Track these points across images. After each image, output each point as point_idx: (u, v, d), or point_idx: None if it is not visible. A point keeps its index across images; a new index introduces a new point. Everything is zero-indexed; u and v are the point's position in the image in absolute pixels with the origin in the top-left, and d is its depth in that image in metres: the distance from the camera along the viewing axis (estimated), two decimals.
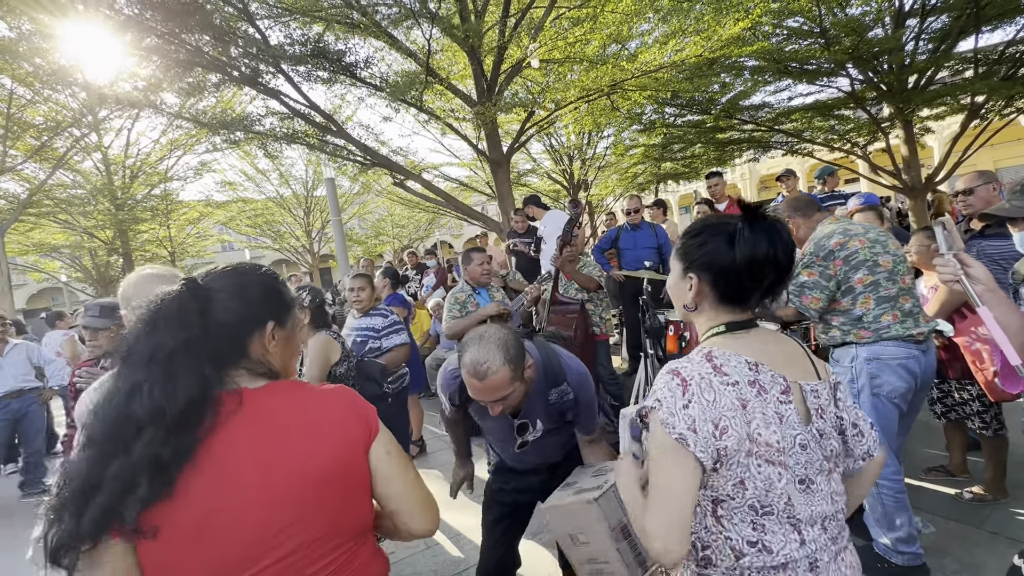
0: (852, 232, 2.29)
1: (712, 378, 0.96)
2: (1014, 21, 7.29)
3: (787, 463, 0.96)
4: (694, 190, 18.27)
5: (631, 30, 8.01)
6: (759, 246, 0.99)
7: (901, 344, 2.19)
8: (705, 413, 0.93)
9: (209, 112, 7.09)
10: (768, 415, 0.96)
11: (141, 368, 0.82)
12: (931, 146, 16.78)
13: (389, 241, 20.30)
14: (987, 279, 1.29)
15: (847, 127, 9.39)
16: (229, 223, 16.81)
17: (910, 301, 2.25)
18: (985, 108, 7.95)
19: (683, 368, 0.98)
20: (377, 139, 8.38)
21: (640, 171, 12.62)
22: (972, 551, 2.48)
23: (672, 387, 0.96)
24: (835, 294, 2.29)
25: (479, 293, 3.57)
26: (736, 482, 0.95)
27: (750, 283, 1.02)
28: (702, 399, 0.94)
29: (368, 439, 0.97)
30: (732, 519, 0.97)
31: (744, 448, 0.94)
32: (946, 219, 1.44)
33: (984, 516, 2.73)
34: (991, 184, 2.88)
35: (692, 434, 0.92)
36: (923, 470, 3.20)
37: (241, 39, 5.39)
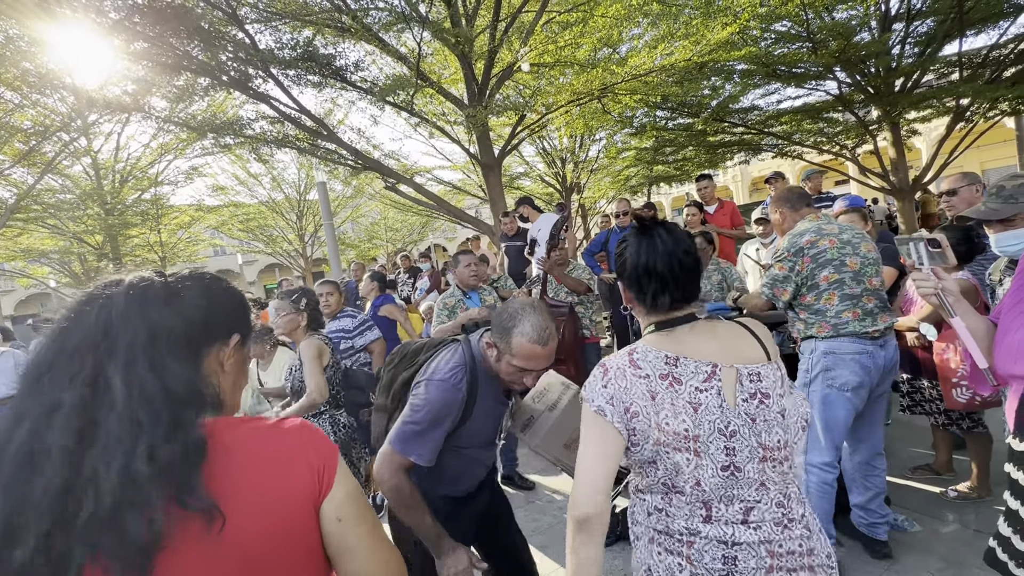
0: (825, 232, 2.35)
1: (627, 369, 1.08)
2: (997, 25, 7.42)
3: (701, 450, 1.02)
4: (686, 192, 18.39)
5: (621, 34, 8.08)
6: (640, 257, 1.13)
7: (856, 340, 2.28)
8: (619, 395, 1.06)
9: (199, 116, 7.09)
10: (678, 405, 1.03)
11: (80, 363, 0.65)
12: (919, 148, 16.98)
13: (383, 245, 20.26)
14: (958, 292, 1.38)
15: (836, 130, 9.50)
16: (221, 227, 16.71)
17: (873, 301, 2.32)
18: (970, 111, 8.08)
19: (607, 360, 1.13)
20: (369, 142, 8.40)
21: (632, 174, 12.70)
22: (956, 549, 2.51)
23: (596, 374, 1.12)
24: (801, 288, 2.38)
25: (469, 297, 3.50)
26: (648, 462, 1.07)
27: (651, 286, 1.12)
28: (616, 383, 1.07)
29: (317, 496, 0.75)
30: (651, 490, 1.11)
31: (653, 436, 1.04)
32: (934, 235, 1.48)
33: (968, 514, 2.76)
34: (974, 186, 2.94)
35: (609, 407, 1.06)
36: (909, 469, 3.23)
37: (230, 44, 5.38)
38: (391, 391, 1.72)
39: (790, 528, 1.04)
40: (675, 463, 1.03)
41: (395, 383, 1.70)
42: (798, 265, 2.35)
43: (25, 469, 0.59)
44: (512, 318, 1.49)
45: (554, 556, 2.86)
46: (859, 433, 2.51)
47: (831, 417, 2.35)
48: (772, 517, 1.03)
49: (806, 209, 2.51)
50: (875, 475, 2.50)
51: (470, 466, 1.70)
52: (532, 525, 3.19)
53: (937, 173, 8.52)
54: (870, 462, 2.51)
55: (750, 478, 1.02)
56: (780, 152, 10.12)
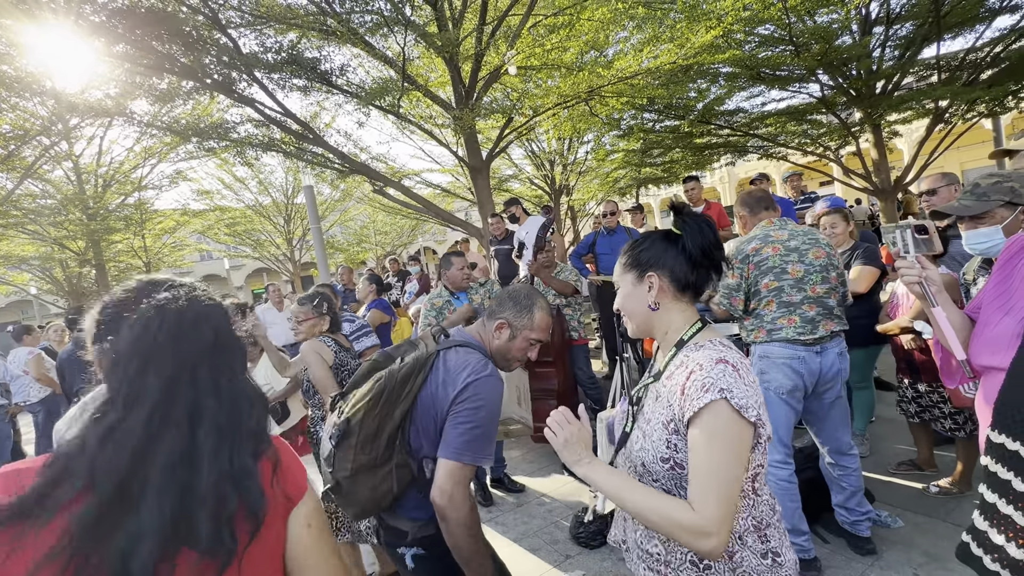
0: (771, 239, 2.39)
1: (744, 361, 1.05)
2: (973, 29, 7.58)
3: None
4: (674, 194, 18.52)
5: (608, 38, 8.14)
6: (706, 235, 1.10)
7: (787, 345, 2.33)
8: (757, 394, 1.01)
9: (183, 119, 7.00)
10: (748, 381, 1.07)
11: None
12: (900, 149, 17.27)
13: (372, 248, 20.17)
14: (940, 282, 1.39)
15: (819, 131, 9.64)
16: (207, 232, 16.52)
17: (815, 309, 2.34)
18: (949, 112, 8.24)
19: (728, 358, 1.02)
20: (356, 145, 8.35)
21: (621, 176, 12.76)
22: (938, 544, 2.55)
23: (725, 374, 0.99)
24: (748, 295, 2.43)
25: (458, 298, 3.51)
26: (758, 464, 1.06)
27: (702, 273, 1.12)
28: (746, 380, 1.00)
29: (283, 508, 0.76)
30: (763, 489, 1.09)
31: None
32: (928, 222, 1.48)
33: (949, 509, 2.81)
34: (953, 186, 2.99)
35: (758, 412, 0.99)
36: (892, 465, 3.28)
37: (213, 48, 5.32)
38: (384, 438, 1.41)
39: None
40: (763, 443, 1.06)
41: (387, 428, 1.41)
42: (744, 272, 2.41)
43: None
44: (528, 298, 1.65)
45: (546, 557, 2.86)
46: (821, 437, 2.56)
47: (771, 417, 2.39)
48: None
49: (764, 213, 2.54)
50: (848, 475, 2.53)
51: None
52: (522, 528, 3.19)
53: (918, 173, 8.68)
54: (839, 463, 2.53)
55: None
56: (765, 154, 10.24)
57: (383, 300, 4.88)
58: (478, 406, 1.41)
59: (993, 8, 7.20)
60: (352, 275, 6.55)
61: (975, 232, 1.87)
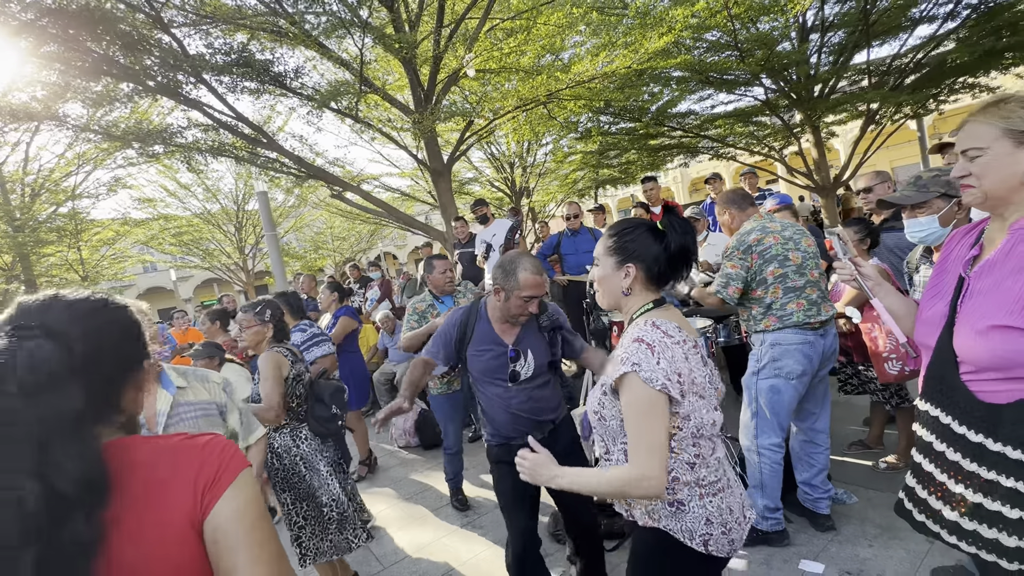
0: (769, 229, 2.51)
1: (666, 340, 1.23)
2: (898, 37, 8.18)
3: (706, 395, 1.29)
4: (631, 194, 18.98)
5: (564, 42, 8.28)
6: (684, 239, 1.31)
7: (799, 331, 2.47)
8: (672, 366, 1.21)
9: (122, 123, 6.57)
10: (693, 363, 1.27)
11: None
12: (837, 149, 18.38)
13: (329, 254, 19.60)
14: (875, 275, 1.53)
15: (764, 133, 10.13)
16: (150, 242, 15.57)
17: (816, 292, 2.51)
18: (879, 114, 8.84)
19: (645, 336, 1.23)
20: (311, 150, 8.11)
21: (579, 177, 12.98)
22: (887, 515, 2.73)
23: (643, 352, 1.21)
24: (751, 284, 2.54)
25: (442, 302, 3.45)
26: (684, 416, 1.24)
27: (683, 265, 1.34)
28: (665, 356, 1.21)
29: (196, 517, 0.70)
30: (682, 445, 1.26)
31: (691, 390, 1.24)
32: (840, 230, 1.63)
33: (897, 483, 3.00)
34: (887, 183, 3.25)
35: (670, 382, 1.19)
36: (846, 446, 3.49)
37: (156, 48, 5.04)
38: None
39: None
40: (698, 408, 1.25)
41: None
42: (747, 262, 2.51)
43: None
44: (512, 263, 2.00)
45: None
46: (805, 411, 2.70)
47: (778, 402, 2.52)
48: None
49: (751, 208, 2.68)
50: (818, 452, 2.69)
51: (498, 409, 2.12)
52: (500, 530, 3.19)
53: (854, 171, 9.27)
54: (813, 440, 2.70)
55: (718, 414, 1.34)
56: (716, 154, 10.67)
57: (349, 307, 4.77)
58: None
59: (914, 18, 7.79)
60: (314, 283, 6.35)
61: (915, 221, 2.03)
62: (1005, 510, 1.09)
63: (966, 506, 1.16)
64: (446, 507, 3.70)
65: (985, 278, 1.18)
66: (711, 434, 1.30)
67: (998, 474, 1.10)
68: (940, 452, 1.23)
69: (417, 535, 3.38)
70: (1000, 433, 1.09)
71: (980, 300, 1.17)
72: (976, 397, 1.14)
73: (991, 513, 1.11)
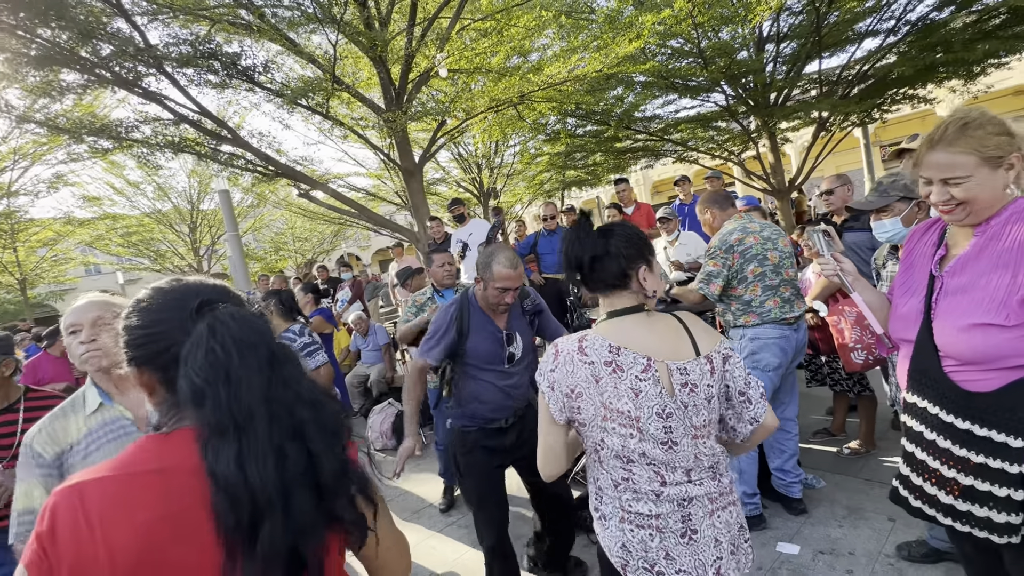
0: (749, 230, 2.64)
1: (575, 355, 1.21)
2: (846, 49, 8.69)
3: (643, 428, 1.17)
4: (597, 195, 19.31)
5: (532, 44, 8.36)
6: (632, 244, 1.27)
7: (776, 326, 2.63)
8: (564, 379, 1.21)
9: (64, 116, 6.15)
10: (620, 389, 1.17)
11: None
12: (789, 154, 19.31)
13: (291, 256, 19.00)
14: (854, 271, 1.63)
15: (724, 137, 10.54)
16: (95, 243, 14.65)
17: (789, 290, 2.67)
18: (829, 122, 9.37)
19: (560, 343, 1.27)
20: (274, 148, 7.85)
21: (546, 179, 13.12)
22: (854, 497, 2.92)
23: (548, 355, 1.27)
24: (732, 281, 2.66)
25: (442, 296, 3.45)
26: (598, 440, 1.22)
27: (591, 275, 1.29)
28: (564, 368, 1.22)
29: None
30: (607, 463, 1.24)
31: (600, 414, 1.18)
32: (823, 227, 1.74)
33: (860, 467, 3.22)
34: (847, 186, 3.47)
35: (549, 391, 1.23)
36: (811, 434, 3.69)
37: (115, 38, 4.75)
38: None
39: (721, 479, 1.26)
40: (621, 436, 1.18)
41: None
42: (729, 260, 2.63)
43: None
44: (490, 255, 2.13)
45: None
46: (776, 401, 2.85)
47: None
48: (708, 474, 1.24)
49: (732, 209, 2.81)
50: (788, 439, 2.85)
51: (492, 391, 2.23)
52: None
53: (807, 176, 9.77)
54: (783, 427, 2.84)
55: (686, 451, 1.20)
56: (679, 157, 11.01)
57: (325, 309, 4.67)
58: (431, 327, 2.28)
59: (860, 32, 8.30)
60: (285, 285, 6.17)
61: (879, 223, 2.19)
62: (994, 489, 1.19)
63: (959, 489, 1.25)
64: (428, 508, 3.68)
65: (959, 276, 1.28)
66: (650, 467, 1.20)
67: (986, 457, 1.19)
68: (931, 440, 1.31)
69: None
70: (985, 419, 1.19)
71: (958, 299, 1.26)
72: (960, 387, 1.23)
73: (982, 493, 1.21)
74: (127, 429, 1.50)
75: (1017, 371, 1.18)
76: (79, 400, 1.52)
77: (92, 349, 1.49)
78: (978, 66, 8.02)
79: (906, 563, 2.34)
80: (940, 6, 7.62)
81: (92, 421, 1.48)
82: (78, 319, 1.51)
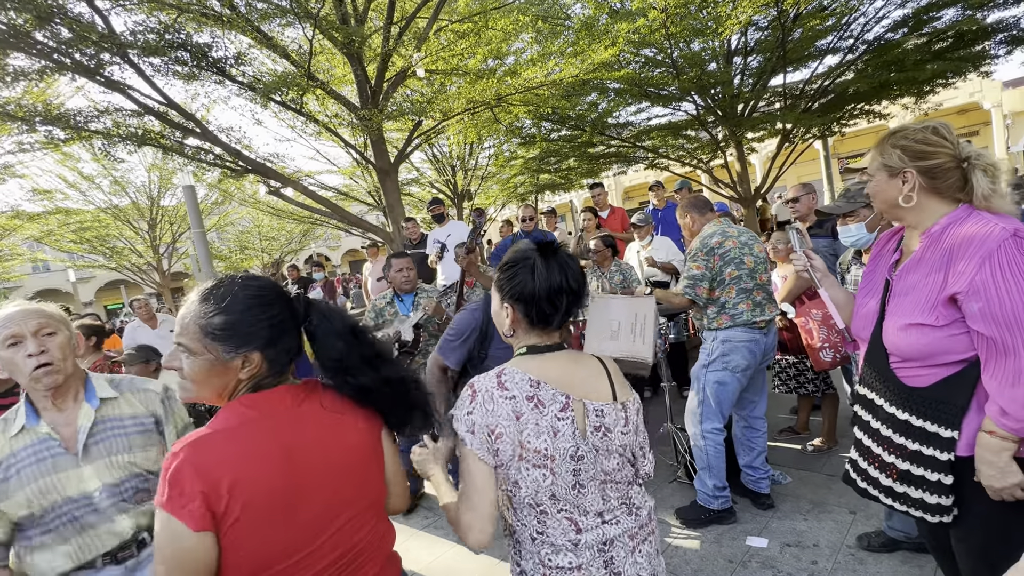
0: (728, 234, 2.74)
1: (495, 392, 1.11)
2: (808, 65, 9.09)
3: (556, 469, 1.10)
4: (570, 199, 19.52)
5: (509, 47, 8.42)
6: (553, 277, 1.15)
7: (747, 329, 2.73)
8: (484, 419, 1.10)
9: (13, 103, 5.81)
10: (541, 426, 1.10)
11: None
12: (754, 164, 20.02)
13: (256, 255, 18.45)
14: (824, 268, 1.72)
15: (694, 146, 10.84)
16: (45, 238, 13.85)
17: (761, 294, 2.78)
18: (792, 133, 9.77)
19: (476, 382, 1.15)
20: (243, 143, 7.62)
21: (520, 182, 13.19)
22: (817, 492, 3.05)
23: (464, 397, 1.14)
24: (713, 284, 2.72)
25: (401, 300, 3.45)
26: (512, 483, 1.12)
27: (550, 308, 1.16)
28: (483, 407, 1.10)
29: (380, 426, 1.14)
30: (521, 512, 1.14)
31: (516, 453, 1.09)
32: (799, 225, 1.83)
33: (823, 463, 3.37)
34: (811, 195, 3.64)
35: (470, 435, 1.10)
36: (776, 432, 3.83)
37: (77, 23, 4.52)
38: None
39: (638, 512, 1.22)
40: (534, 479, 1.09)
41: None
42: (710, 262, 2.71)
43: None
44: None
45: (494, 553, 2.89)
46: (745, 400, 2.95)
47: (723, 393, 2.75)
48: (622, 511, 1.19)
49: (711, 214, 2.90)
50: (757, 436, 2.96)
51: None
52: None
53: (771, 185, 10.15)
54: (752, 425, 2.96)
55: (593, 494, 1.15)
56: (650, 164, 11.26)
57: None
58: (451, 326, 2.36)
59: (822, 49, 8.70)
60: None
61: (846, 228, 2.31)
62: (927, 474, 1.30)
63: (897, 473, 1.37)
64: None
65: (904, 280, 1.39)
66: (561, 513, 1.13)
67: (921, 445, 1.31)
68: (876, 429, 1.44)
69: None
70: (920, 411, 1.31)
71: (901, 300, 1.38)
72: (902, 382, 1.35)
73: (916, 477, 1.33)
74: (53, 451, 1.40)
75: (949, 368, 1.28)
76: (10, 418, 1.44)
77: (45, 363, 1.38)
78: (928, 85, 8.53)
79: (866, 552, 2.46)
80: (894, 27, 8.06)
81: (16, 443, 1.40)
82: (19, 329, 1.37)
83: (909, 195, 1.34)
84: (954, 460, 1.26)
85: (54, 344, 1.41)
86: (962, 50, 7.90)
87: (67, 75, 5.11)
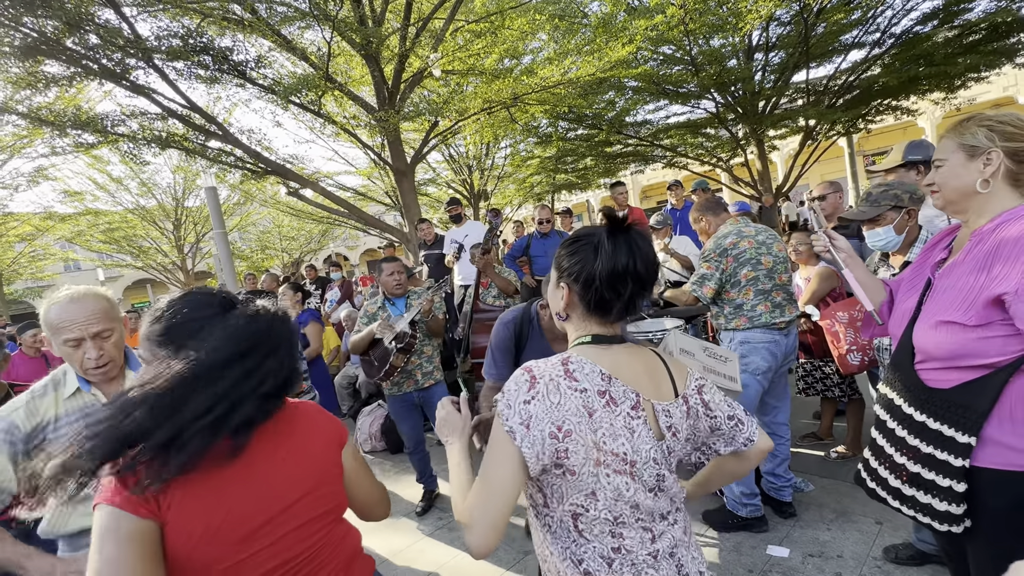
0: (744, 234, 2.67)
1: (561, 381, 0.96)
2: (832, 60, 8.87)
3: (637, 474, 0.98)
4: (587, 199, 19.42)
5: (525, 47, 8.40)
6: (619, 258, 0.99)
7: (767, 331, 2.65)
8: (547, 413, 0.93)
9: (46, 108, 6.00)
10: (617, 427, 0.96)
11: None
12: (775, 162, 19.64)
13: (277, 255, 18.78)
14: (848, 248, 1.61)
15: (713, 144, 10.68)
16: (76, 239, 14.32)
17: (781, 295, 2.69)
18: (815, 130, 9.55)
19: (536, 367, 0.99)
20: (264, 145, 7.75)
21: (537, 182, 13.17)
22: (841, 500, 2.96)
23: (520, 382, 0.97)
24: (725, 284, 2.69)
25: (393, 304, 3.45)
26: (588, 493, 0.96)
27: (610, 294, 1.01)
28: (547, 399, 0.94)
29: (342, 441, 1.16)
30: (592, 531, 0.99)
31: (592, 457, 0.94)
32: (815, 203, 1.73)
33: (848, 470, 3.26)
34: (838, 193, 3.54)
35: (523, 429, 0.92)
36: (799, 438, 3.73)
37: (104, 28, 4.65)
38: None
39: (679, 501, 1.11)
40: (615, 487, 0.96)
41: None
42: (722, 264, 2.65)
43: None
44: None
45: (503, 557, 2.88)
46: (767, 406, 2.88)
47: (744, 396, 2.68)
48: (676, 508, 1.09)
49: (725, 214, 2.83)
50: (780, 443, 2.88)
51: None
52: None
53: (794, 183, 9.94)
54: (775, 432, 2.88)
55: (668, 495, 1.06)
56: (669, 163, 11.13)
57: (314, 311, 4.61)
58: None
59: (847, 43, 8.48)
60: (276, 283, 6.10)
61: (873, 232, 2.23)
62: (938, 479, 1.25)
63: (907, 475, 1.32)
64: (413, 514, 3.65)
65: (945, 278, 1.33)
66: (639, 523, 1.01)
67: (935, 448, 1.26)
68: (891, 429, 1.39)
69: (391, 541, 3.31)
70: (939, 414, 1.26)
71: (938, 298, 1.32)
72: (924, 383, 1.30)
73: (926, 481, 1.27)
74: None
75: (974, 371, 1.23)
76: (59, 378, 1.50)
77: (101, 364, 1.44)
78: (959, 79, 8.24)
79: (893, 565, 2.37)
80: (923, 20, 7.82)
81: (69, 404, 1.46)
82: (80, 335, 1.42)
83: (987, 180, 1.24)
84: (968, 468, 1.21)
85: (110, 344, 1.47)
86: (996, 43, 7.61)
87: (95, 80, 5.25)
